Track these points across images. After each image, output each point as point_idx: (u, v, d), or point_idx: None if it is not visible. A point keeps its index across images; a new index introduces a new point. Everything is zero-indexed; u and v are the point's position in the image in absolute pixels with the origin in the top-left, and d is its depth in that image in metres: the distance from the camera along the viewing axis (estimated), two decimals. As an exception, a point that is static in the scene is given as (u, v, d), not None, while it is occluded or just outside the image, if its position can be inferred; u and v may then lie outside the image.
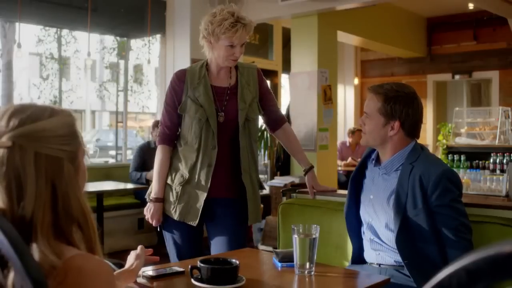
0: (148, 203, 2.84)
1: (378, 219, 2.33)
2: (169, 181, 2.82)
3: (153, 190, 2.83)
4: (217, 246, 2.79)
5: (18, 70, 16.35)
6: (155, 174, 2.83)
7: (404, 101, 2.28)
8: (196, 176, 2.76)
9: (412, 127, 2.31)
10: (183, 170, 2.78)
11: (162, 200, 2.82)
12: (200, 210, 2.75)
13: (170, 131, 2.83)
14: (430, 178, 2.18)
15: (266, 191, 6.48)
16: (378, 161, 2.41)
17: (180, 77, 2.82)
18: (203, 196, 2.74)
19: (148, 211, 2.83)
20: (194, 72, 2.82)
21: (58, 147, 1.15)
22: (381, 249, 2.33)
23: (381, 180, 2.36)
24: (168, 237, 2.87)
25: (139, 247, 1.92)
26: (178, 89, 2.80)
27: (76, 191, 1.17)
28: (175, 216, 2.78)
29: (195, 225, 2.76)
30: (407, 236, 2.21)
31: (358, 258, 2.48)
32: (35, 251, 1.07)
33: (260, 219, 2.96)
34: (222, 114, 2.78)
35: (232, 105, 2.81)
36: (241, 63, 2.93)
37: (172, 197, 2.80)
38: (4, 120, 1.13)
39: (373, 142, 2.37)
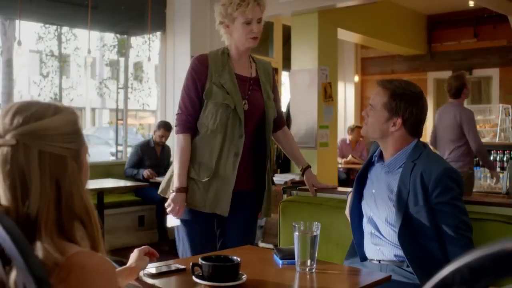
0: (172, 194, 2.70)
1: (379, 213, 2.34)
2: (193, 175, 2.73)
3: (177, 179, 2.70)
4: (233, 237, 2.78)
5: (18, 67, 16.36)
6: (179, 163, 2.71)
7: (409, 100, 2.30)
8: (223, 167, 2.70)
9: (414, 126, 2.32)
10: (208, 162, 2.70)
11: (186, 190, 2.72)
12: (230, 199, 2.70)
13: (193, 119, 2.74)
14: (431, 176, 2.18)
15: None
16: (381, 157, 2.42)
17: (203, 62, 2.74)
18: (231, 185, 2.70)
19: (175, 202, 2.69)
20: (216, 57, 2.76)
21: (62, 145, 1.15)
22: (381, 244, 2.34)
23: (383, 175, 2.37)
24: (185, 232, 2.77)
25: (143, 247, 1.92)
26: (202, 74, 2.72)
27: (79, 188, 1.17)
28: (205, 208, 2.70)
29: (226, 215, 2.71)
30: (409, 232, 2.21)
31: (355, 253, 2.48)
32: (39, 249, 1.07)
33: (271, 213, 2.95)
34: (246, 102, 2.74)
35: (255, 97, 2.78)
36: (258, 58, 2.92)
37: (198, 190, 2.71)
38: (8, 118, 1.13)
39: (372, 134, 2.39)
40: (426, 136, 9.60)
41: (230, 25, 2.68)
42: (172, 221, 2.79)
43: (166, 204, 2.73)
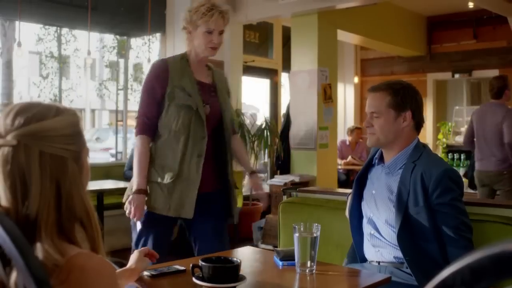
0: (131, 195, 2.70)
1: (379, 214, 2.34)
2: (157, 179, 2.74)
3: (136, 181, 2.71)
4: (204, 241, 2.81)
5: (18, 68, 16.36)
6: (136, 165, 2.73)
7: (411, 91, 2.34)
8: (186, 168, 2.73)
9: (420, 116, 2.36)
10: (171, 164, 2.73)
11: (146, 192, 2.72)
12: (194, 202, 2.72)
13: (151, 122, 2.77)
14: (431, 176, 2.18)
15: (266, 189, 6.50)
16: (381, 158, 2.42)
17: (163, 68, 2.79)
18: (195, 187, 2.73)
19: (132, 203, 2.68)
20: (175, 63, 2.82)
21: (62, 146, 1.15)
22: (381, 245, 2.33)
23: (384, 176, 2.37)
24: (147, 237, 2.77)
25: (143, 248, 1.93)
26: (162, 79, 2.76)
27: (80, 190, 1.17)
28: (170, 212, 2.72)
29: (191, 217, 2.73)
30: (408, 234, 2.22)
31: (355, 255, 2.49)
32: (39, 250, 1.07)
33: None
34: (208, 107, 2.80)
35: (214, 102, 2.85)
36: (214, 67, 3.00)
37: (162, 194, 2.73)
38: (10, 118, 1.13)
39: (385, 140, 2.33)
40: (425, 137, 9.63)
41: (192, 32, 2.78)
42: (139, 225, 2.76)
43: (132, 209, 2.69)
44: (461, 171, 7.81)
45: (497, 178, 5.41)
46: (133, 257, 1.88)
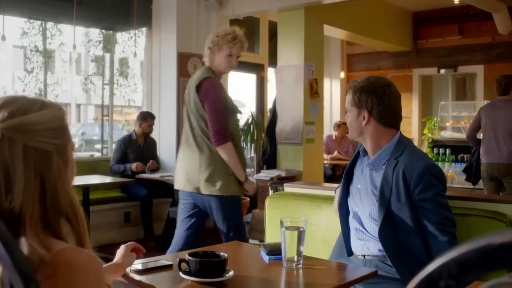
0: (248, 182, 3.57)
1: (363, 208, 2.36)
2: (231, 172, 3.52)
3: (242, 173, 3.53)
4: None
5: (2, 63, 16.19)
6: (237, 162, 3.47)
7: (368, 90, 2.33)
8: (244, 160, 3.65)
9: (382, 115, 2.31)
10: (241, 159, 3.56)
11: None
12: None
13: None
14: (413, 172, 2.20)
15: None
16: (366, 152, 2.44)
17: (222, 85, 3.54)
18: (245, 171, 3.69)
19: (252, 184, 3.63)
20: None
21: (47, 140, 1.14)
22: (366, 239, 2.35)
23: (368, 171, 2.38)
24: (240, 213, 3.67)
25: (130, 243, 1.92)
26: (227, 94, 3.57)
27: (65, 184, 1.16)
28: (241, 193, 3.67)
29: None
30: (390, 229, 2.23)
31: (341, 248, 2.50)
32: (24, 245, 1.06)
33: None
34: None
35: None
36: None
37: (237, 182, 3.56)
38: None
39: (353, 135, 2.44)
40: (411, 132, 9.68)
41: (215, 52, 3.49)
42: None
43: (253, 188, 3.67)
44: (446, 166, 7.87)
45: (507, 171, 5.50)
46: (120, 252, 1.87)
